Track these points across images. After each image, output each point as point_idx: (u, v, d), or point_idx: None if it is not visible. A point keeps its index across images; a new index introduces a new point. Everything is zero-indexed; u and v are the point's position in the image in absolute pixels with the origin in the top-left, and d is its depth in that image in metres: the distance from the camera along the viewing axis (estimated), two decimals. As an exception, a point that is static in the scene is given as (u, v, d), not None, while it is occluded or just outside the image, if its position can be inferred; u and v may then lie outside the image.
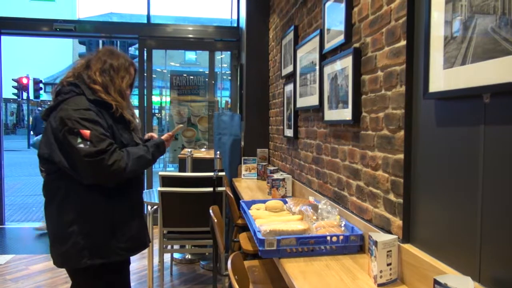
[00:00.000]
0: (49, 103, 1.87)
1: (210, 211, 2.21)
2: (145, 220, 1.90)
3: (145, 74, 4.91)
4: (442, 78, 1.19)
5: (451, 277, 1.07)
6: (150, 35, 4.88)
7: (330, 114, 2.13)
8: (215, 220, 2.12)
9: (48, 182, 1.71)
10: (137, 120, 1.87)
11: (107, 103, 1.69)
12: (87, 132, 1.57)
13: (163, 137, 1.98)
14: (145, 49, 4.90)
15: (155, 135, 2.04)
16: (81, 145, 1.55)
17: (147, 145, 1.82)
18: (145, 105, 4.96)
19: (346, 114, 1.90)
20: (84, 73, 1.74)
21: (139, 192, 1.89)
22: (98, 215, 1.66)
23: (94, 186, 1.65)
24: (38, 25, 4.78)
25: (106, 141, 1.61)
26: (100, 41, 8.86)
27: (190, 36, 4.96)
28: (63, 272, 3.48)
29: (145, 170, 2.96)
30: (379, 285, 1.35)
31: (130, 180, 1.74)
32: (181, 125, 2.27)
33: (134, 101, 4.71)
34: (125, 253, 1.74)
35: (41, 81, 19.03)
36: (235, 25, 5.02)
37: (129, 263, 1.89)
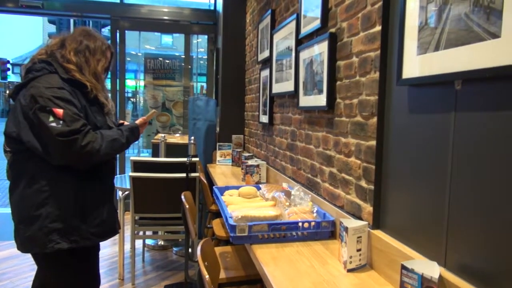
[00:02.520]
0: (15, 83, 1.77)
1: (182, 197, 2.17)
2: (115, 206, 1.85)
3: (117, 57, 4.75)
4: (415, 64, 1.18)
5: (418, 262, 1.08)
6: (123, 15, 4.70)
7: (305, 100, 2.11)
8: (187, 206, 2.08)
9: (14, 163, 1.62)
10: (111, 105, 1.81)
11: (81, 83, 1.63)
12: (60, 111, 1.50)
13: (137, 122, 1.94)
14: (117, 30, 4.72)
15: (126, 122, 1.99)
16: (53, 124, 1.48)
17: (121, 129, 1.78)
18: (118, 89, 4.80)
19: (320, 100, 1.88)
20: (57, 52, 1.66)
21: (110, 177, 1.84)
22: (68, 198, 1.60)
23: (64, 168, 1.58)
24: (2, 0, 4.52)
25: (80, 121, 1.54)
26: (71, 21, 8.50)
27: (165, 18, 4.81)
28: (30, 259, 3.37)
29: (117, 155, 2.89)
30: (348, 270, 1.36)
31: (102, 163, 1.69)
32: (154, 110, 2.22)
33: (107, 84, 4.55)
34: (95, 238, 1.68)
35: (8, 62, 18.19)
36: (212, 8, 4.91)
37: (98, 249, 1.84)
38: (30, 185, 1.57)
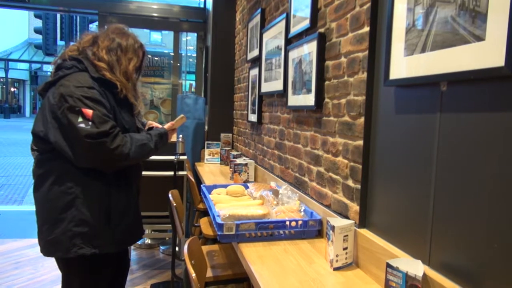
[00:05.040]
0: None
1: (169, 195, 2.16)
2: (140, 211, 1.80)
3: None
4: (402, 65, 1.19)
5: (403, 261, 1.10)
6: (111, 11, 4.64)
7: (294, 100, 2.12)
8: (174, 205, 2.07)
9: (40, 162, 1.57)
10: (141, 105, 1.76)
11: (111, 83, 1.58)
12: (89, 112, 1.46)
13: (166, 127, 1.88)
14: (105, 26, 4.66)
15: (158, 125, 1.94)
16: (82, 125, 1.44)
17: (150, 134, 1.73)
18: (105, 85, 4.74)
19: (309, 99, 1.89)
20: (89, 49, 1.62)
21: (137, 180, 1.79)
22: (94, 202, 1.55)
23: (91, 170, 1.53)
24: (-13, -6, 4.42)
25: (109, 123, 1.50)
26: (58, 15, 8.35)
27: (155, 14, 4.77)
28: (12, 258, 3.32)
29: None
30: (335, 269, 1.37)
31: (128, 167, 1.65)
32: (183, 116, 2.12)
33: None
34: (120, 244, 1.64)
35: (-8, 56, 17.82)
36: (202, 6, 4.88)
37: (126, 256, 1.84)
38: (55, 186, 1.52)
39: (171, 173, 2.83)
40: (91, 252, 1.53)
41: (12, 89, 29.78)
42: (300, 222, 1.68)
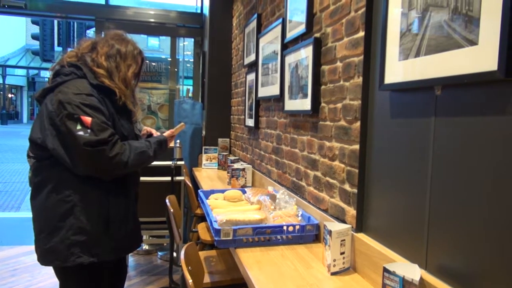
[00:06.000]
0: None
1: (167, 201, 2.15)
2: (138, 218, 1.79)
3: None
4: (397, 69, 1.20)
5: (400, 265, 1.10)
6: (108, 17, 4.65)
7: (290, 104, 2.12)
8: (172, 210, 2.07)
9: (37, 170, 1.55)
10: (139, 112, 1.76)
11: (110, 90, 1.57)
12: (88, 119, 1.45)
13: (165, 134, 1.88)
14: (102, 32, 4.67)
15: (154, 131, 1.93)
16: (81, 133, 1.43)
17: (149, 141, 1.72)
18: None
19: (305, 104, 1.89)
20: (88, 55, 1.61)
21: (136, 187, 1.78)
22: (92, 210, 1.53)
23: (89, 178, 1.52)
24: (-16, 1, 4.41)
25: (108, 130, 1.49)
26: (55, 22, 8.37)
27: (152, 20, 4.78)
28: (10, 265, 3.30)
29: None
30: (332, 273, 1.37)
31: (127, 175, 1.64)
32: (183, 123, 2.12)
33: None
34: (118, 252, 1.62)
35: (-11, 63, 17.80)
36: (199, 11, 4.90)
37: (123, 264, 1.82)
38: (53, 194, 1.50)
39: (169, 178, 2.83)
40: (90, 261, 1.52)
41: (10, 95, 29.74)
42: (297, 227, 1.67)
